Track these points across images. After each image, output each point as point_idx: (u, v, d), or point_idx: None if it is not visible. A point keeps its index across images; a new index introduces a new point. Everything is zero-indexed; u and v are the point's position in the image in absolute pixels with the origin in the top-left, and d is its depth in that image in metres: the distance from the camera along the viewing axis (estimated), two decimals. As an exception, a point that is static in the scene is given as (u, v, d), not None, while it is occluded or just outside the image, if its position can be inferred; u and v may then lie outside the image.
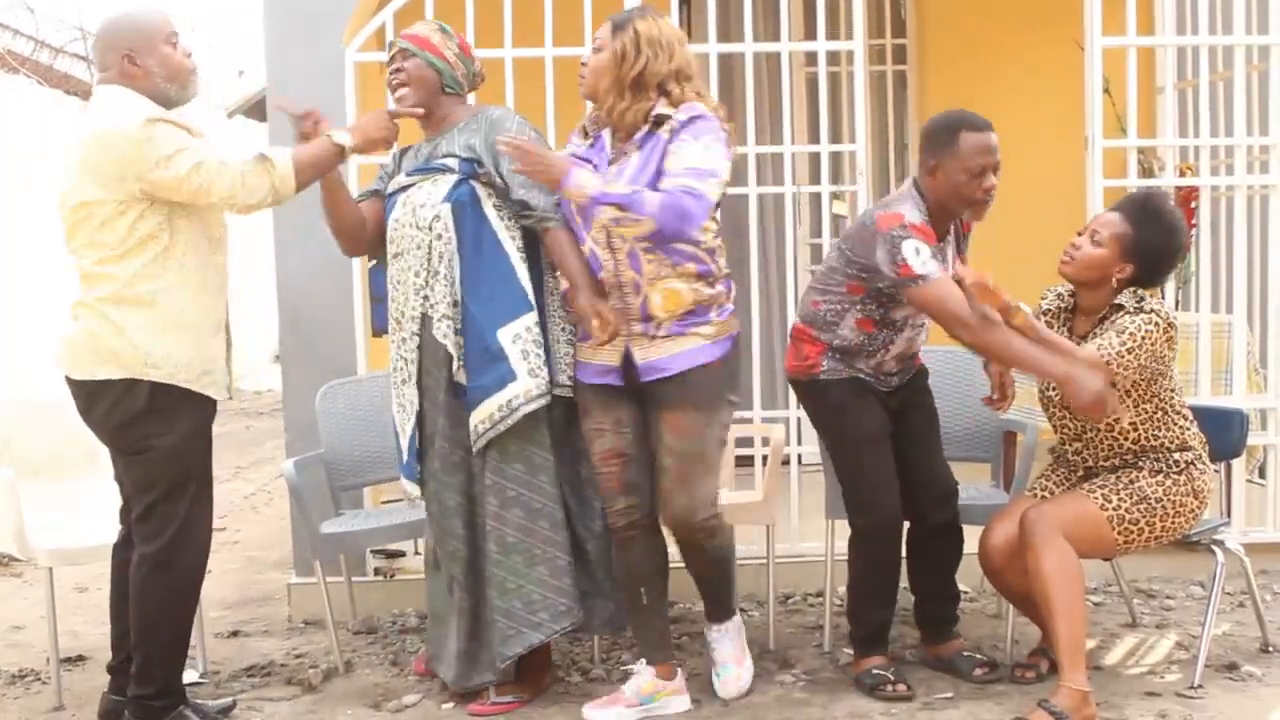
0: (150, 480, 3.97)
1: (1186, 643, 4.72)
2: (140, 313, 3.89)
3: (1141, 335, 4.04)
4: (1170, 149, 5.65)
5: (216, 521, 7.15)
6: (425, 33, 4.26)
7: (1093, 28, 5.32)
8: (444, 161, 4.16)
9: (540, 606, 4.14)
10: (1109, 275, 4.17)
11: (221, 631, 5.27)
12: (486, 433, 4.08)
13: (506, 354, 4.06)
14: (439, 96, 4.25)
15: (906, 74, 7.81)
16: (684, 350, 4.00)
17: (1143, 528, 4.17)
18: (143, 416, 3.92)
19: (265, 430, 11.52)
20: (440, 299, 4.12)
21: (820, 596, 5.06)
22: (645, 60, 3.96)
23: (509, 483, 4.14)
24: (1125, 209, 4.20)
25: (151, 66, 3.98)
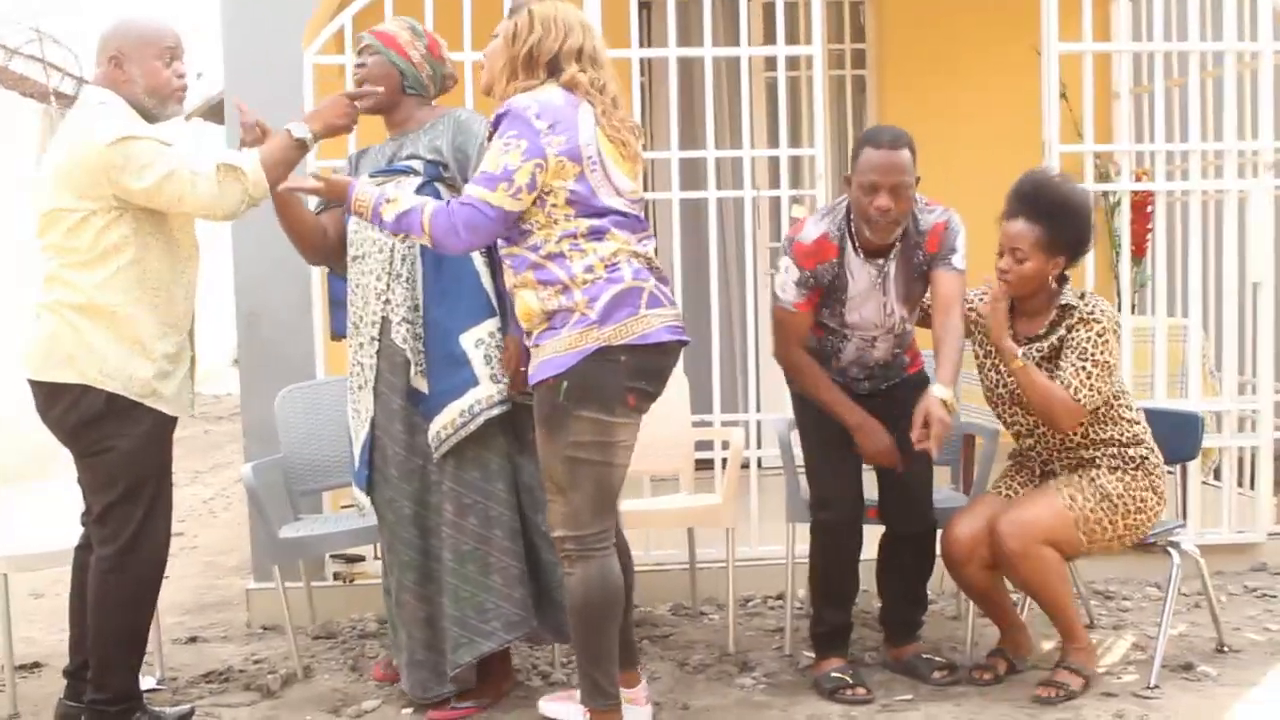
0: (107, 482, 3.96)
1: (1143, 643, 4.75)
2: (100, 322, 3.88)
3: (1102, 357, 4.15)
4: (1126, 154, 5.70)
5: (175, 526, 7.13)
6: (393, 31, 4.22)
7: (1049, 33, 5.36)
8: (408, 163, 4.12)
9: (493, 615, 4.10)
10: (1047, 278, 4.23)
11: (179, 637, 5.24)
12: (449, 439, 4.05)
13: (469, 359, 4.03)
14: (400, 96, 4.20)
15: (865, 79, 7.84)
16: (536, 363, 3.75)
17: (1105, 526, 4.22)
18: (99, 419, 3.91)
19: (223, 434, 11.44)
20: (400, 302, 4.09)
21: (780, 599, 5.07)
22: (536, 37, 3.71)
23: (465, 489, 4.10)
24: (1027, 213, 4.18)
25: (134, 75, 3.95)
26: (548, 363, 3.70)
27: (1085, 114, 5.45)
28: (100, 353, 3.87)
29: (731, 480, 4.83)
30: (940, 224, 4.23)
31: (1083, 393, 4.14)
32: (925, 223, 4.24)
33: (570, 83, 3.73)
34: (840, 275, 4.25)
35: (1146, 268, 6.81)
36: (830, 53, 7.52)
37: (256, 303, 5.29)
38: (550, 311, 3.70)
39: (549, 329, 3.71)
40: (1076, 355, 4.17)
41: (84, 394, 3.89)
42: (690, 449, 5.25)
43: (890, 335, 4.34)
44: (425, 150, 4.13)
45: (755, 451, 5.58)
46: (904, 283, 4.27)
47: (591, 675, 3.82)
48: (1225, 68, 5.56)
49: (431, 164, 4.10)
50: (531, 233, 3.71)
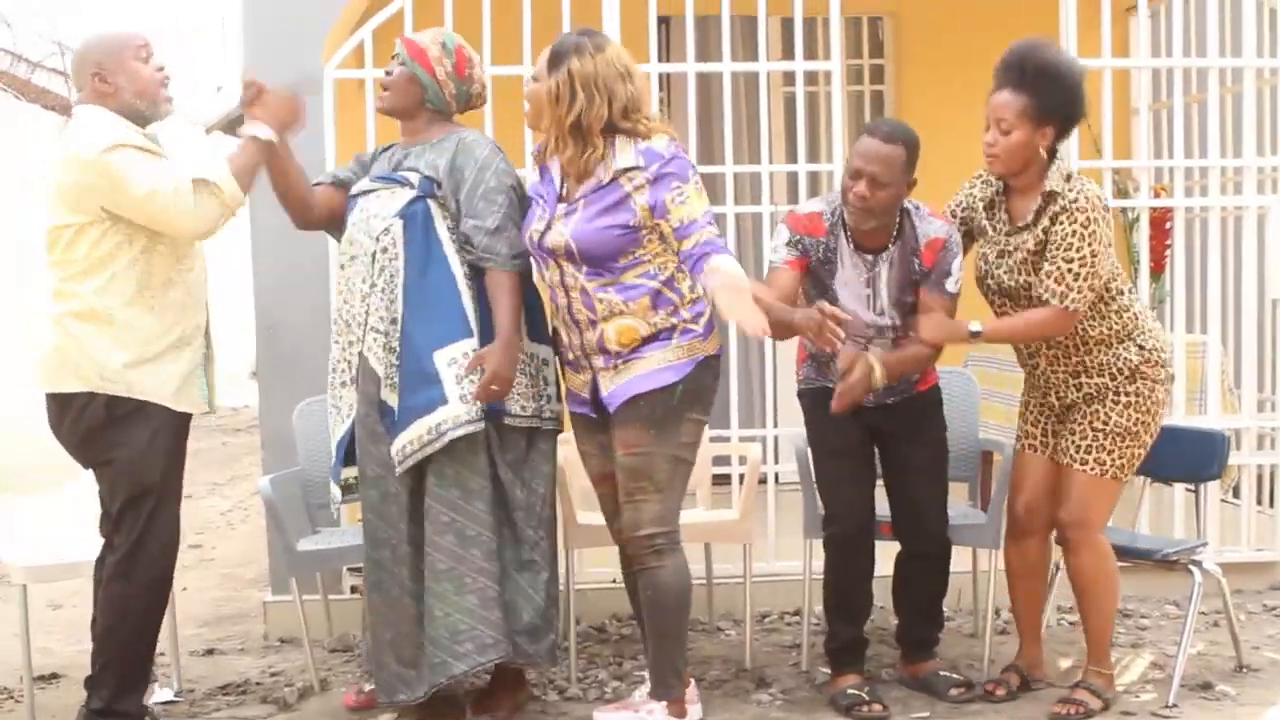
0: (112, 492, 4.07)
1: (1162, 662, 4.73)
2: (98, 328, 3.97)
3: (1089, 250, 4.03)
4: (1145, 170, 5.69)
5: (193, 538, 7.16)
6: (424, 44, 4.19)
7: (1068, 49, 5.35)
8: (405, 174, 4.13)
9: (466, 637, 4.02)
10: (1035, 151, 4.11)
11: (197, 649, 5.25)
12: (413, 455, 4.01)
13: (440, 377, 4.01)
14: (420, 109, 4.19)
15: (884, 94, 7.85)
16: (639, 374, 3.95)
17: (1137, 452, 4.24)
18: (102, 428, 4.00)
19: (241, 446, 11.47)
20: (374, 311, 4.09)
21: (797, 615, 5.06)
22: (580, 106, 3.85)
23: (443, 508, 4.05)
24: (1012, 82, 4.08)
25: (120, 83, 4.02)
26: (662, 370, 3.94)
27: (1104, 130, 5.44)
28: (99, 359, 3.96)
29: (748, 495, 4.83)
30: (940, 239, 4.21)
31: (1071, 297, 4.04)
32: (924, 232, 4.22)
33: (650, 131, 3.93)
34: (829, 260, 4.25)
35: (1165, 284, 6.79)
36: (849, 68, 7.54)
37: (275, 315, 5.31)
38: (656, 332, 3.95)
39: (650, 342, 3.94)
40: (1061, 255, 4.04)
41: (89, 402, 3.99)
42: (707, 464, 5.24)
43: (886, 339, 4.29)
44: (425, 166, 4.12)
45: (772, 467, 5.57)
46: (897, 287, 4.25)
47: (676, 664, 4.08)
48: (1245, 84, 5.54)
49: (427, 180, 4.09)
50: (646, 261, 3.94)
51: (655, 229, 3.91)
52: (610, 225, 3.89)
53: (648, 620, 4.11)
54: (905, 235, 4.24)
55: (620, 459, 3.99)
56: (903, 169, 4.13)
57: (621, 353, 3.95)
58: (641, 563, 4.03)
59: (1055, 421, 4.33)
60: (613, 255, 3.90)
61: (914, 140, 4.17)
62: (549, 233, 3.95)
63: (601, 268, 3.92)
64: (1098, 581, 4.24)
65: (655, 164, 3.87)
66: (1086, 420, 4.22)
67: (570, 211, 3.93)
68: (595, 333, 3.96)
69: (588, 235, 3.89)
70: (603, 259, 3.91)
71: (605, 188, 3.90)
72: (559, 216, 3.94)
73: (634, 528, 4.00)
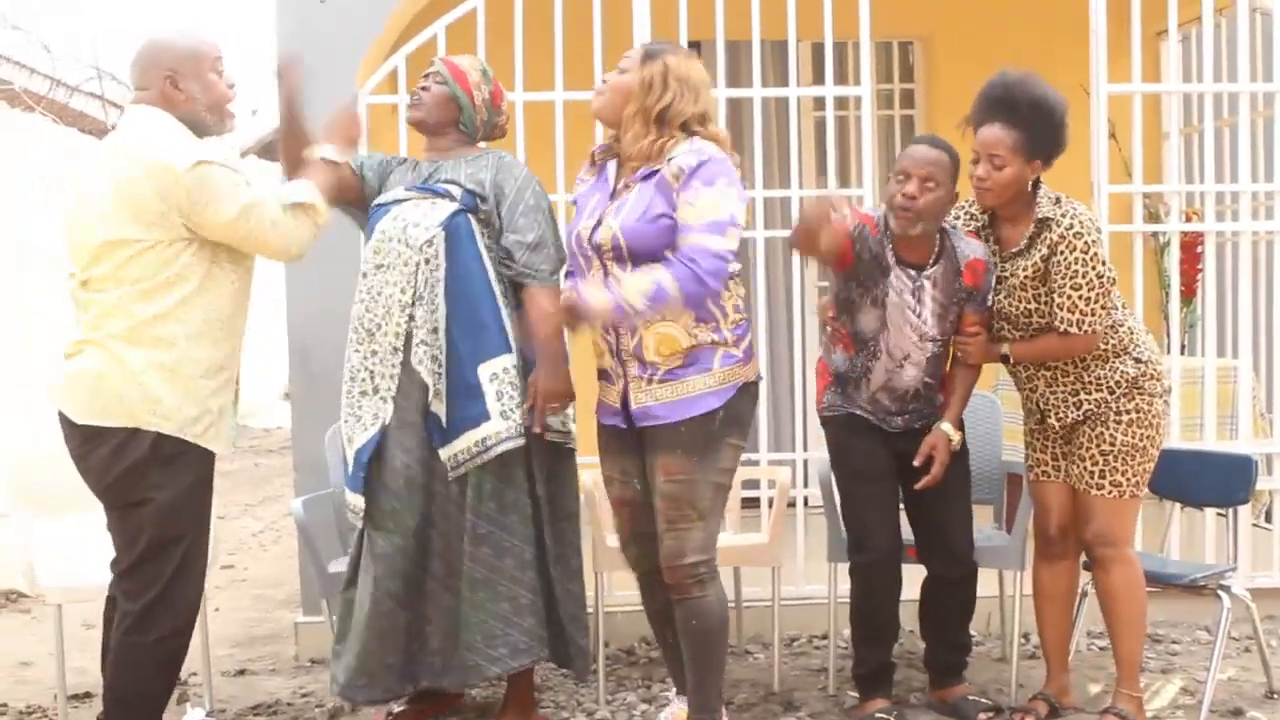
0: (140, 535, 3.77)
1: (1192, 688, 4.71)
2: (158, 356, 3.70)
3: (1094, 274, 4.08)
4: (1176, 195, 5.68)
5: (225, 559, 7.21)
6: (465, 68, 4.29)
7: (1098, 75, 5.37)
8: (447, 187, 4.18)
9: (500, 641, 4.14)
10: (1026, 184, 4.17)
11: (229, 669, 5.28)
12: (465, 463, 4.12)
13: (483, 391, 4.09)
14: (451, 129, 4.28)
15: (914, 118, 7.86)
16: (681, 398, 3.91)
17: (1147, 466, 4.25)
18: (143, 466, 3.71)
19: (274, 468, 11.54)
20: (422, 323, 4.12)
21: (826, 639, 5.06)
22: (672, 97, 3.89)
23: (481, 520, 4.14)
24: (1000, 116, 4.12)
25: (195, 92, 3.83)
26: (704, 396, 3.91)
27: (1134, 154, 5.45)
28: (154, 392, 3.69)
29: (777, 519, 4.84)
30: (981, 261, 4.23)
31: (1088, 320, 4.10)
32: (964, 252, 4.24)
33: (715, 138, 3.95)
34: (882, 261, 4.24)
35: (1196, 308, 6.78)
36: (879, 93, 7.56)
37: (308, 338, 5.35)
38: (694, 346, 3.90)
39: (689, 366, 3.91)
40: (1070, 284, 4.09)
41: (130, 438, 3.70)
42: (737, 487, 5.23)
43: (921, 358, 4.28)
44: (466, 179, 4.18)
45: (802, 490, 5.58)
46: (941, 304, 4.25)
47: (718, 686, 4.08)
48: (1276, 108, 5.54)
49: (469, 194, 4.16)
50: None
51: None
52: (654, 214, 3.85)
53: (691, 648, 4.05)
54: (947, 254, 4.25)
55: (661, 486, 3.94)
56: (950, 175, 4.18)
57: (658, 365, 3.91)
58: (685, 591, 3.98)
59: (1061, 444, 4.34)
60: (657, 248, 3.84)
61: (955, 153, 4.23)
62: (599, 228, 3.91)
63: (648, 262, 3.84)
64: (1130, 599, 4.25)
65: (694, 159, 3.85)
66: (1094, 444, 4.23)
67: (620, 205, 3.92)
68: (634, 340, 3.92)
69: (633, 226, 3.85)
70: (648, 252, 3.84)
71: (652, 175, 3.89)
72: (609, 211, 3.93)
73: (678, 556, 3.95)
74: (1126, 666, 4.29)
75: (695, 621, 3.99)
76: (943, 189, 4.17)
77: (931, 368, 4.32)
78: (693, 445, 3.91)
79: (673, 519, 3.94)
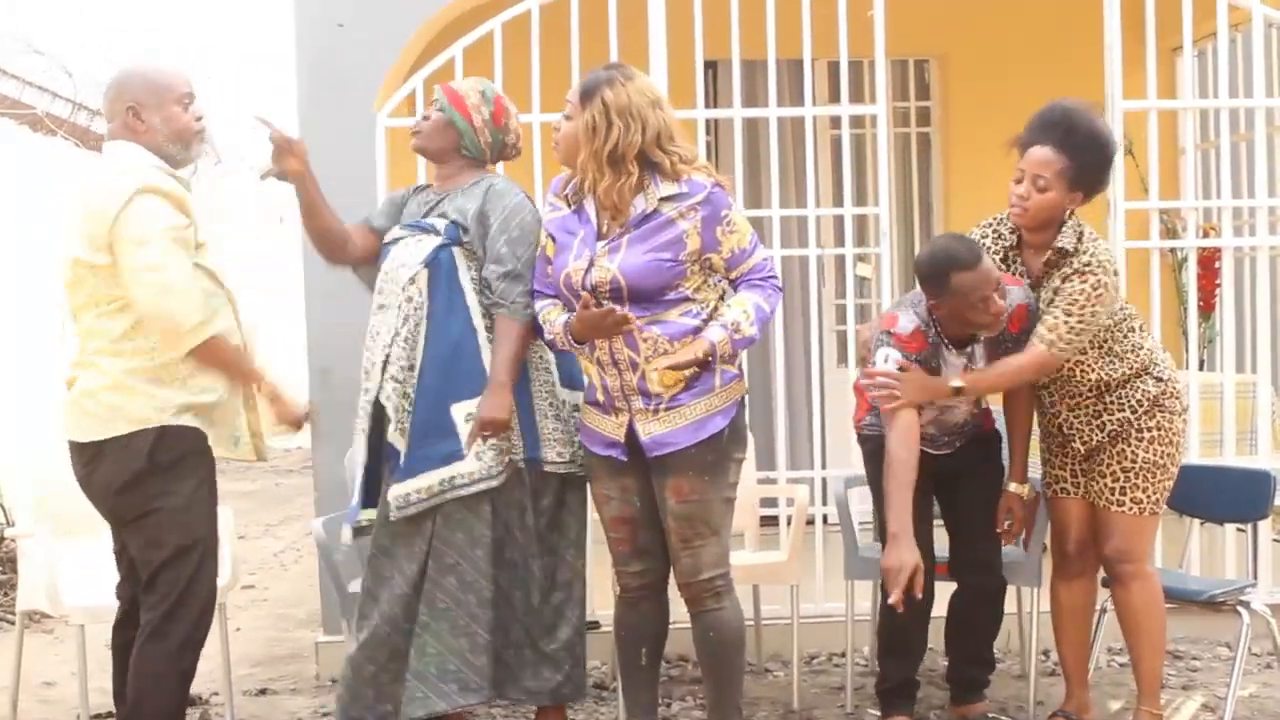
0: (153, 547, 3.83)
1: (1213, 704, 4.70)
2: (138, 362, 3.77)
3: (1090, 310, 4.07)
4: (1192, 210, 5.69)
5: (246, 578, 7.23)
6: (463, 92, 4.23)
7: (1114, 91, 5.38)
8: (432, 222, 4.14)
9: (452, 677, 4.06)
10: (1062, 211, 4.16)
11: (250, 689, 5.30)
12: (420, 503, 4.04)
13: (457, 431, 4.04)
14: (454, 154, 4.23)
15: (930, 136, 7.88)
16: (691, 423, 3.89)
17: (1167, 484, 4.25)
18: (145, 476, 3.77)
19: (294, 487, 11.57)
20: (395, 360, 4.08)
21: (845, 657, 5.06)
22: (617, 133, 3.80)
23: (450, 549, 4.08)
24: (1054, 141, 4.10)
25: (155, 124, 3.86)
26: (711, 418, 3.91)
27: (1151, 170, 5.45)
28: (144, 390, 3.76)
29: (796, 537, 4.85)
30: (1024, 306, 4.17)
31: (1059, 346, 4.08)
32: (1008, 303, 4.14)
33: (698, 169, 3.91)
34: (935, 362, 4.24)
35: (1214, 323, 6.77)
36: (895, 111, 7.58)
37: (328, 358, 5.37)
38: (697, 372, 3.87)
39: (690, 390, 3.89)
40: (1064, 307, 4.08)
41: (127, 447, 3.76)
42: (755, 505, 5.26)
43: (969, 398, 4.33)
44: (453, 211, 4.13)
45: (820, 508, 5.58)
46: (990, 354, 4.28)
47: (736, 701, 4.11)
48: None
49: (452, 225, 4.11)
50: (689, 299, 3.89)
51: (702, 262, 3.88)
52: (658, 257, 3.83)
53: (710, 662, 4.07)
54: None
55: (674, 508, 3.93)
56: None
57: (662, 396, 3.89)
58: (702, 605, 4.00)
59: (1082, 462, 4.34)
60: (660, 289, 3.84)
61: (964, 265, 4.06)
62: (592, 270, 3.87)
63: (649, 303, 3.85)
64: (1149, 615, 4.25)
65: (700, 193, 3.84)
66: (1116, 461, 4.23)
67: (614, 247, 3.87)
68: (636, 374, 3.89)
69: (636, 268, 3.82)
70: (650, 293, 3.84)
71: (650, 217, 3.84)
72: (602, 254, 3.88)
73: (694, 573, 3.97)
74: (1147, 683, 4.29)
75: (713, 634, 4.01)
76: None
77: (976, 400, 4.39)
78: (704, 466, 3.92)
79: (687, 538, 3.95)
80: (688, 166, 3.89)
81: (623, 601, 4.18)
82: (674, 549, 3.99)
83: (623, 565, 4.14)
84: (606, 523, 4.11)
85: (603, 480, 4.08)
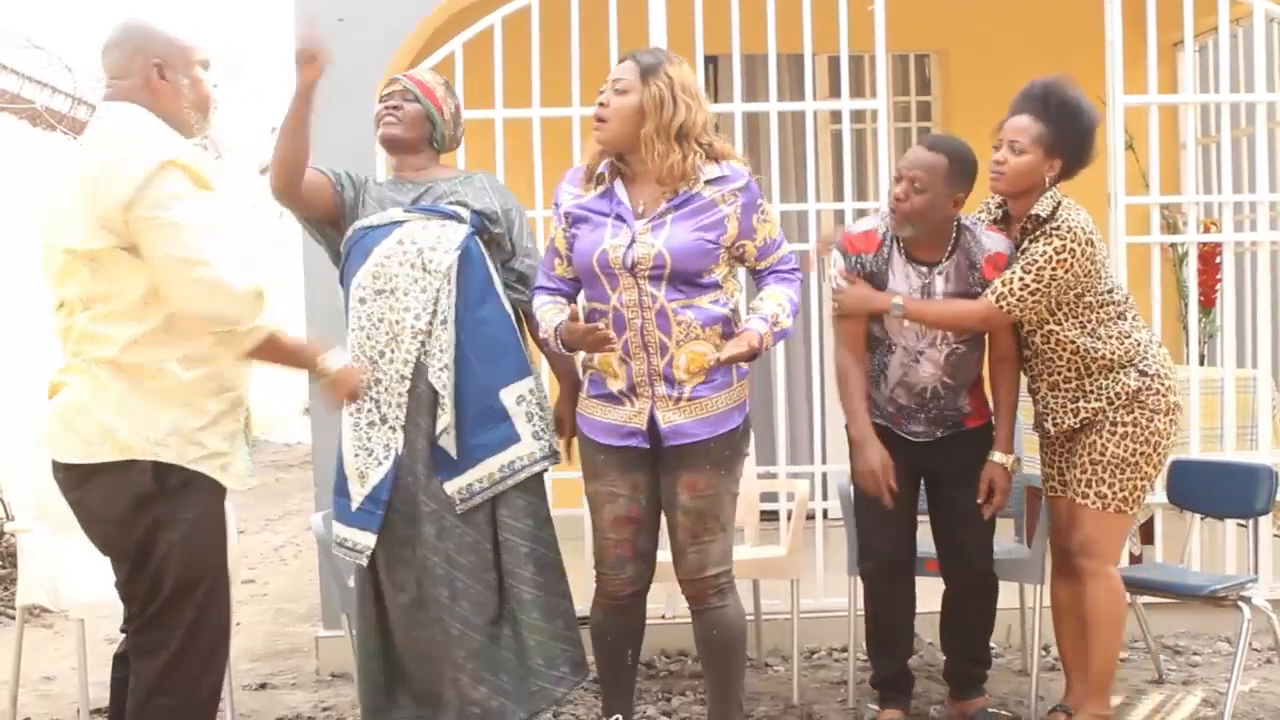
0: (156, 582, 3.32)
1: (1213, 699, 4.70)
2: (143, 383, 3.27)
3: (1049, 273, 4.07)
4: (1193, 205, 5.68)
5: (246, 573, 7.23)
6: (431, 85, 4.22)
7: (1115, 86, 5.37)
8: (455, 209, 4.09)
9: (562, 660, 4.05)
10: (1040, 179, 4.17)
11: (250, 684, 5.31)
12: (484, 491, 4.00)
13: (510, 415, 4.03)
14: (425, 145, 4.21)
15: (931, 131, 7.86)
16: (711, 415, 3.89)
17: (1139, 483, 4.21)
18: (145, 503, 3.28)
19: (294, 482, 11.58)
20: (446, 347, 4.00)
21: (845, 651, 5.06)
22: (684, 109, 3.82)
23: (520, 539, 4.03)
24: (1032, 109, 4.15)
25: (183, 86, 3.41)
26: (730, 412, 3.94)
27: (1151, 165, 5.45)
28: (147, 417, 3.26)
29: (796, 532, 4.85)
30: (1003, 254, 4.19)
31: (1009, 301, 4.08)
32: (984, 248, 4.21)
33: (733, 156, 3.96)
34: (881, 270, 4.27)
35: (1215, 318, 6.77)
36: (896, 105, 7.57)
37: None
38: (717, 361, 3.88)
39: (710, 383, 3.90)
40: (1022, 265, 4.09)
41: (125, 472, 3.26)
42: (755, 500, 5.26)
43: (938, 355, 4.27)
44: (474, 201, 4.11)
45: (820, 503, 5.58)
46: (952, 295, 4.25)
47: (739, 698, 4.09)
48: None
49: (478, 215, 4.09)
50: (720, 287, 3.91)
51: (734, 249, 3.90)
52: (703, 237, 3.83)
53: (712, 658, 4.05)
54: (961, 249, 4.23)
55: (686, 503, 3.92)
56: (943, 178, 4.12)
57: (685, 384, 3.87)
58: (706, 602, 3.98)
59: (1065, 456, 4.34)
60: (698, 272, 3.83)
61: (960, 154, 4.17)
62: (634, 247, 3.83)
63: (686, 285, 3.83)
64: (1104, 618, 4.21)
65: (741, 179, 3.89)
66: (1085, 452, 4.22)
67: (658, 225, 3.83)
68: (664, 359, 3.86)
69: (683, 246, 3.81)
70: (689, 275, 3.83)
71: (693, 198, 3.85)
72: (644, 231, 3.84)
73: (700, 569, 3.96)
74: (1095, 683, 4.25)
75: (716, 632, 4.00)
76: (931, 192, 4.13)
77: (952, 368, 4.28)
78: (720, 461, 3.92)
79: (697, 534, 3.93)
80: (726, 154, 3.93)
81: (608, 609, 4.07)
82: (681, 545, 3.97)
83: (616, 570, 4.01)
84: (606, 524, 4.00)
85: (610, 477, 3.98)
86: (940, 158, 4.14)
